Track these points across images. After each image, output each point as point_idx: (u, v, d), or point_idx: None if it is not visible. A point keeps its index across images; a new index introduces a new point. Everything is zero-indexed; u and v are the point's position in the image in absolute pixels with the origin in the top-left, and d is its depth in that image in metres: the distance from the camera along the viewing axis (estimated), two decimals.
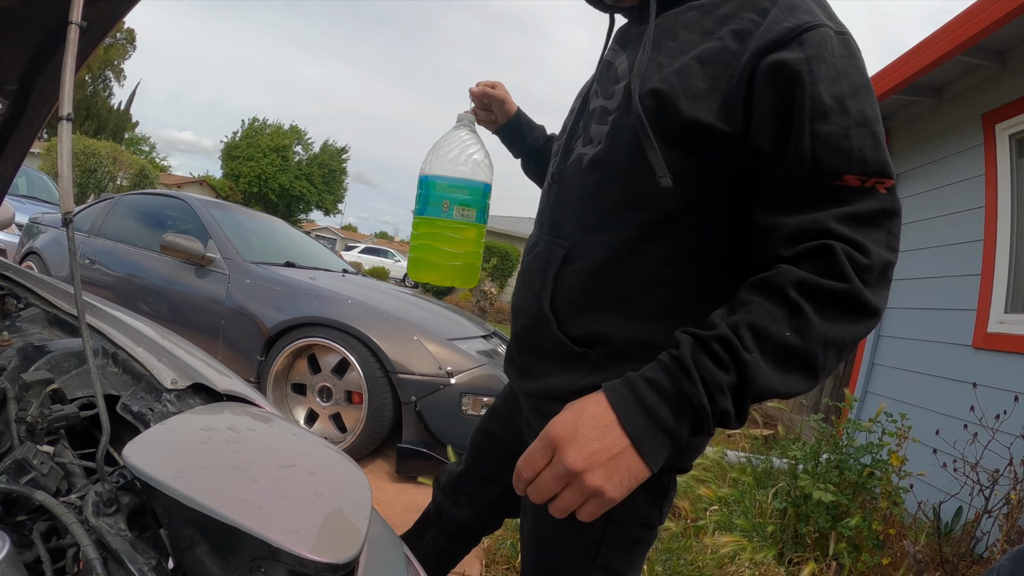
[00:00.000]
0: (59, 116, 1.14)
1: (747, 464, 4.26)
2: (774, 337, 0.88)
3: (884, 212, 0.92)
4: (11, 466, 0.99)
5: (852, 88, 0.94)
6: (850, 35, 0.99)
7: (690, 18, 1.08)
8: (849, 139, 0.91)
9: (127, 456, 0.92)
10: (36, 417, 1.10)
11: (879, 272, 0.91)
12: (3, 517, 0.94)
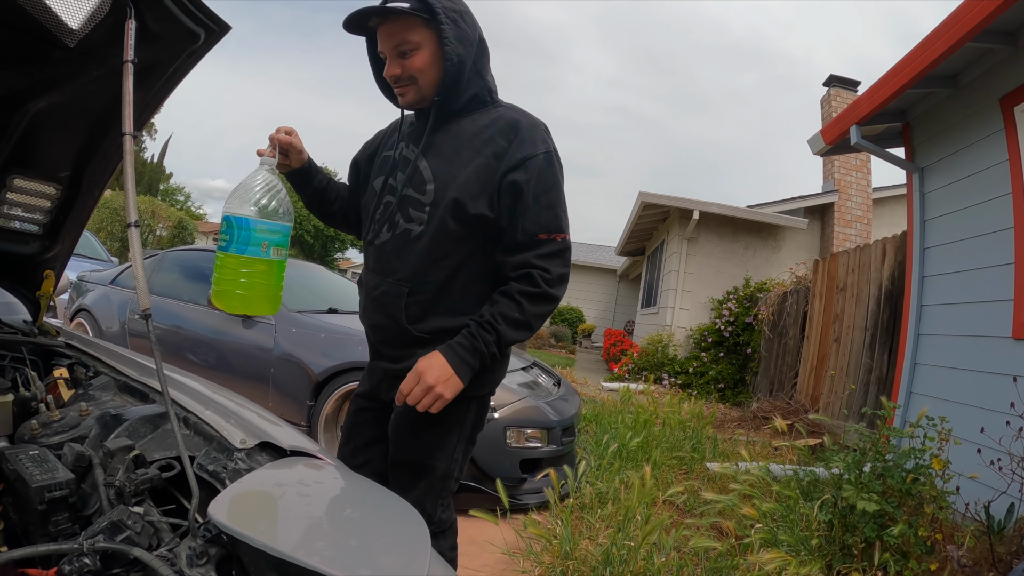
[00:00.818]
0: (127, 223, 1.26)
1: (792, 477, 4.26)
2: (510, 316, 1.78)
3: (560, 251, 1.84)
4: (107, 526, 1.10)
5: (546, 189, 1.82)
6: (555, 153, 1.88)
7: (466, 136, 1.87)
8: (540, 217, 1.80)
9: (213, 512, 1.04)
10: (124, 481, 1.23)
11: (557, 280, 1.82)
12: (101, 572, 1.04)
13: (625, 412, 6.78)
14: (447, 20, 1.77)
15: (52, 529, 1.17)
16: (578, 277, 24.17)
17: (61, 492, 1.17)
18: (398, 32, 1.80)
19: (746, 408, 8.59)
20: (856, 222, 12.31)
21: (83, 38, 1.54)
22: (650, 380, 8.88)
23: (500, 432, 4.08)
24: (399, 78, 1.86)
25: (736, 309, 11.12)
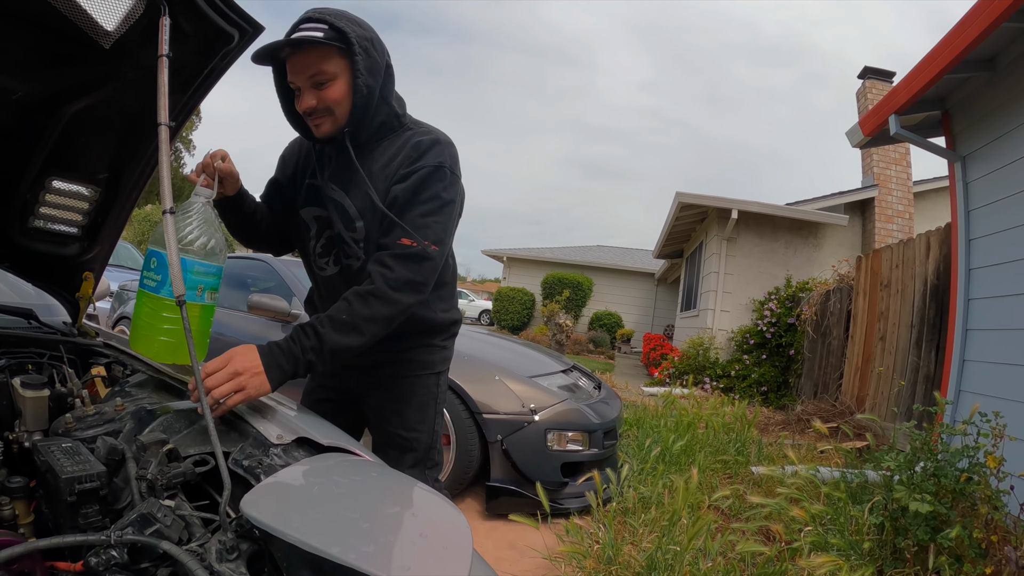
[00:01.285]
0: (163, 210, 1.27)
1: (840, 480, 4.17)
2: (337, 318, 1.71)
3: (415, 255, 1.81)
4: (136, 519, 1.09)
5: (425, 199, 1.86)
6: (448, 168, 1.90)
7: (379, 167, 1.92)
8: (410, 224, 1.82)
9: (246, 507, 1.02)
10: (156, 475, 1.22)
11: (400, 283, 1.78)
12: (129, 565, 1.03)
13: (667, 416, 6.71)
14: (360, 50, 1.78)
15: (82, 521, 1.17)
16: (615, 281, 24.07)
17: (92, 484, 1.17)
18: (313, 63, 1.78)
19: (790, 411, 8.45)
20: (897, 217, 12.03)
21: (118, 39, 1.56)
22: (691, 384, 8.77)
23: (541, 435, 4.06)
24: (315, 110, 1.84)
25: (778, 310, 10.94)
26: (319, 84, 1.80)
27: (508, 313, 23.34)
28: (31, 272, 2.24)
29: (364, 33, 1.81)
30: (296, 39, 1.73)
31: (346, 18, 1.79)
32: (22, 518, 1.26)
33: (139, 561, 1.05)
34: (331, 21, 1.75)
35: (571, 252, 26.46)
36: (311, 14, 1.78)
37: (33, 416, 1.52)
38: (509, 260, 25.84)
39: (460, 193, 1.99)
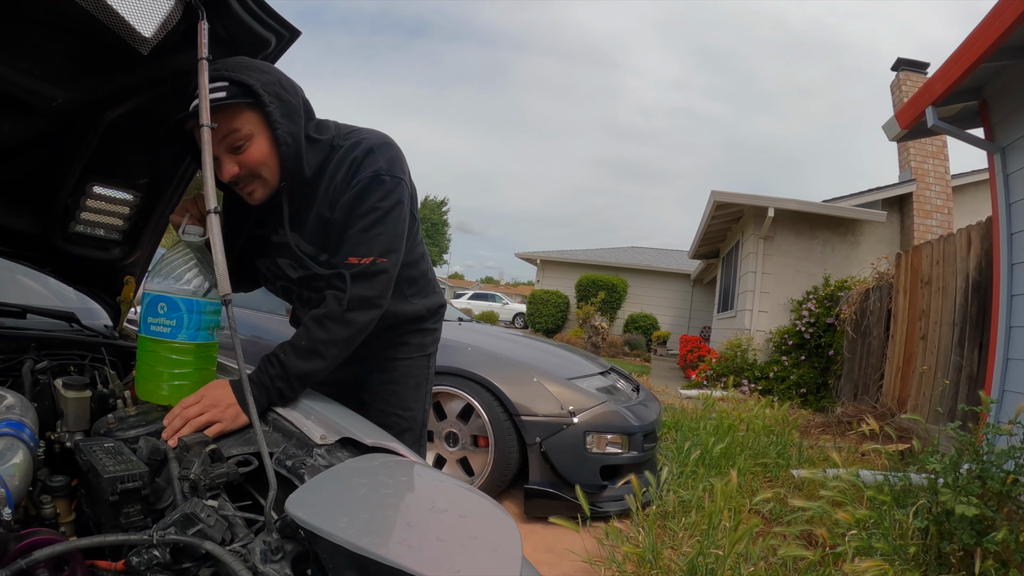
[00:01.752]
0: (207, 210, 1.28)
1: (884, 483, 4.09)
2: (297, 344, 1.67)
3: (367, 273, 1.74)
4: (179, 519, 1.08)
5: (364, 211, 1.76)
6: (386, 173, 1.78)
7: (326, 204, 1.81)
8: (353, 241, 1.76)
9: (291, 507, 1.00)
10: (199, 475, 1.22)
11: (356, 302, 1.73)
12: (171, 565, 1.03)
13: (706, 418, 6.64)
14: (271, 98, 1.62)
15: (123, 521, 1.17)
16: (650, 283, 23.91)
17: (134, 484, 1.17)
18: (223, 126, 1.60)
19: (830, 413, 8.31)
20: (936, 212, 11.74)
21: (156, 46, 1.57)
22: (729, 386, 8.65)
23: (580, 437, 4.02)
24: (239, 178, 1.69)
25: (816, 309, 10.73)
26: (236, 148, 1.65)
27: (542, 316, 23.30)
28: (73, 276, 2.29)
29: (269, 77, 1.65)
30: (198, 108, 1.53)
31: (245, 67, 1.61)
32: (63, 516, 1.25)
33: (181, 561, 1.05)
34: (230, 76, 1.57)
35: (605, 254, 26.34)
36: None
37: (75, 417, 1.53)
38: (542, 262, 25.78)
39: (403, 193, 1.84)
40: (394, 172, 1.81)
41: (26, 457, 1.19)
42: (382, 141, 1.84)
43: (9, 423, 1.26)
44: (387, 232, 1.79)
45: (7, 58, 1.52)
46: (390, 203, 1.79)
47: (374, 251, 1.76)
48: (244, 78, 1.57)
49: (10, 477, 1.09)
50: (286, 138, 1.67)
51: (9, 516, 1.02)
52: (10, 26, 1.46)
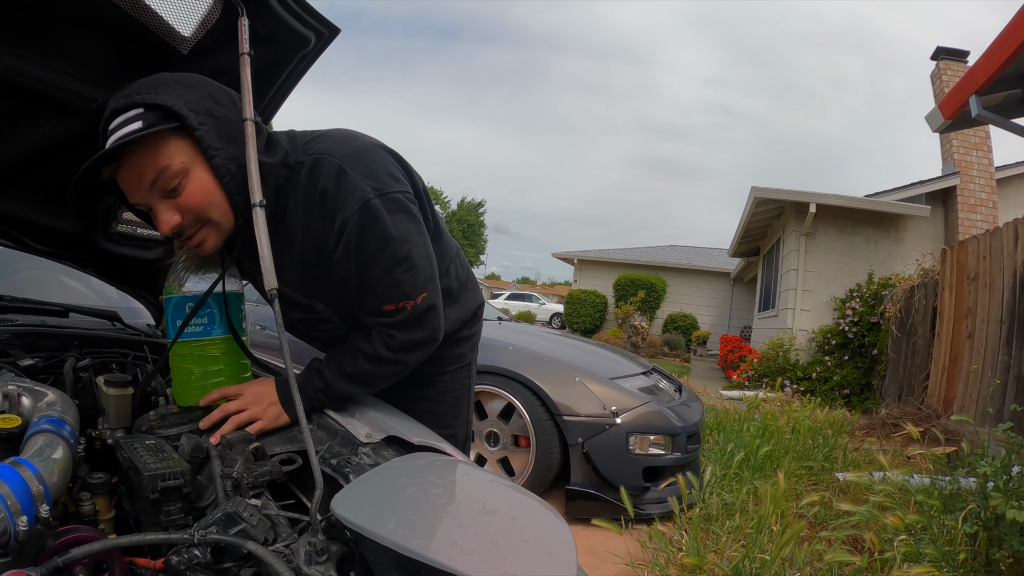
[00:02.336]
0: (252, 203, 1.26)
1: (931, 487, 3.98)
2: (343, 368, 1.55)
3: (410, 319, 1.56)
4: (221, 518, 1.07)
5: (373, 253, 1.49)
6: (377, 196, 1.45)
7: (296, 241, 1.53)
8: (378, 289, 1.53)
9: (337, 507, 0.97)
10: (242, 473, 1.20)
11: (404, 346, 1.57)
12: (211, 564, 1.01)
13: (750, 420, 6.54)
14: (201, 119, 1.33)
15: (164, 519, 1.16)
16: (689, 282, 23.69)
17: (175, 482, 1.16)
18: (146, 166, 1.32)
19: (874, 415, 8.14)
20: (981, 206, 11.36)
21: (195, 44, 1.57)
22: (775, 387, 8.47)
23: (622, 438, 3.96)
24: (182, 227, 1.40)
25: (860, 308, 10.48)
26: (170, 191, 1.35)
27: (580, 316, 23.21)
28: (115, 276, 2.30)
29: (195, 92, 1.36)
30: (113, 147, 1.27)
31: (162, 85, 1.33)
32: (103, 514, 1.25)
33: (222, 561, 1.03)
34: (144, 99, 1.29)
35: (643, 253, 26.19)
36: (114, 104, 1.31)
37: (116, 414, 1.53)
38: (580, 262, 25.70)
39: (405, 202, 1.54)
40: (382, 185, 1.48)
41: (66, 453, 1.17)
42: (350, 150, 1.50)
43: (49, 419, 1.26)
44: (414, 263, 1.53)
45: (46, 60, 1.51)
46: (399, 229, 1.49)
47: (410, 292, 1.54)
48: (162, 99, 1.29)
49: (49, 474, 1.07)
50: (228, 166, 1.37)
51: (47, 513, 1.02)
52: (49, 28, 1.46)
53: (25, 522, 0.95)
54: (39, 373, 1.69)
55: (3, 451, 1.21)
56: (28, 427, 1.25)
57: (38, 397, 1.39)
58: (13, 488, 0.96)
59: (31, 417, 1.31)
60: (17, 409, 1.36)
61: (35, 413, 1.33)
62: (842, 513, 3.63)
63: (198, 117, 1.32)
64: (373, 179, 1.47)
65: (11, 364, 1.63)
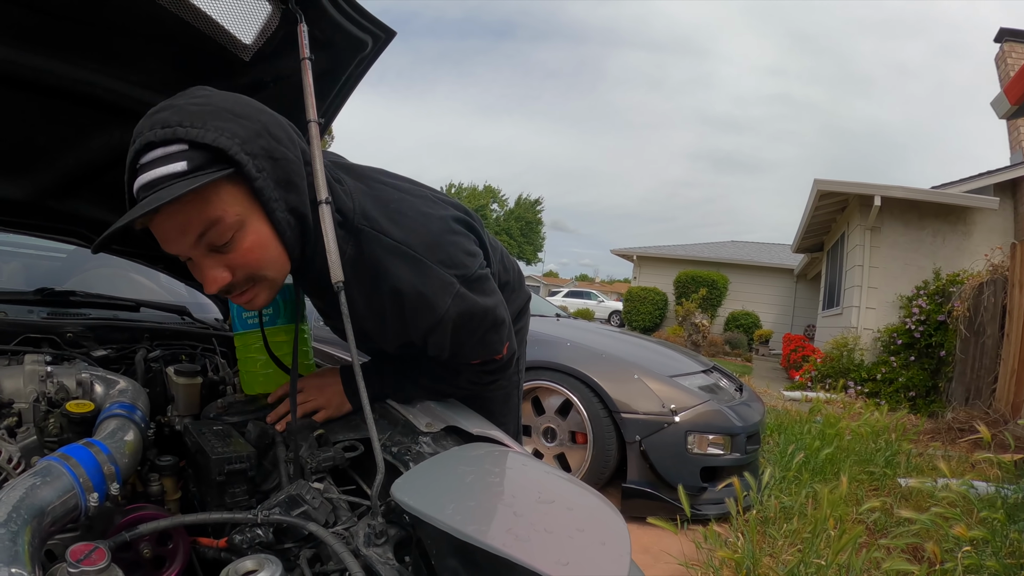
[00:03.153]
0: (318, 200, 1.27)
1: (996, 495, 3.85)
2: (422, 382, 1.59)
3: (498, 368, 1.64)
4: (284, 500, 1.12)
5: (469, 333, 1.44)
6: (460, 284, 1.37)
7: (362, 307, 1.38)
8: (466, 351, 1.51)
9: (397, 492, 1.00)
10: (305, 458, 1.26)
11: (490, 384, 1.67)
12: (273, 544, 1.06)
13: (811, 421, 6.42)
14: (258, 164, 1.13)
15: (228, 500, 1.21)
16: (751, 279, 23.23)
17: (240, 465, 1.21)
18: (193, 217, 1.11)
19: (939, 418, 7.90)
20: None
21: (257, 52, 1.61)
22: (837, 388, 8.25)
23: (681, 437, 3.92)
24: (233, 285, 1.22)
25: (927, 306, 10.07)
26: (221, 247, 1.16)
27: (639, 314, 22.99)
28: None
29: (245, 128, 1.13)
30: (151, 199, 1.05)
31: (210, 115, 1.10)
32: (169, 494, 1.32)
33: (283, 541, 1.07)
34: (188, 136, 1.06)
35: (704, 249, 25.81)
36: (151, 135, 1.07)
37: (185, 402, 1.61)
38: (639, 259, 25.45)
39: (483, 263, 1.48)
40: (465, 271, 1.39)
41: (136, 436, 1.24)
42: (428, 240, 1.36)
43: (121, 405, 1.33)
44: (500, 324, 1.51)
45: (113, 71, 1.58)
46: (486, 301, 1.44)
47: (498, 348, 1.55)
48: (213, 139, 1.07)
49: (120, 455, 1.13)
50: (288, 218, 1.21)
51: (117, 491, 1.06)
52: (114, 40, 1.52)
53: (96, 499, 1.00)
54: (111, 363, 1.76)
55: (76, 434, 1.27)
56: (100, 412, 1.32)
57: (110, 384, 1.47)
58: (86, 467, 1.02)
59: (103, 403, 1.38)
60: (90, 395, 1.44)
61: (107, 399, 1.40)
62: (903, 520, 3.53)
63: (256, 162, 1.12)
64: (456, 267, 1.37)
65: (84, 354, 1.71)
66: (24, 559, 0.78)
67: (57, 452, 1.04)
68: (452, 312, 1.34)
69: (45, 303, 2.00)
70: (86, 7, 1.41)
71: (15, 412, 1.33)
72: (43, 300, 2.00)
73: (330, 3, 1.56)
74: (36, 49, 1.50)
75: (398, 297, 1.33)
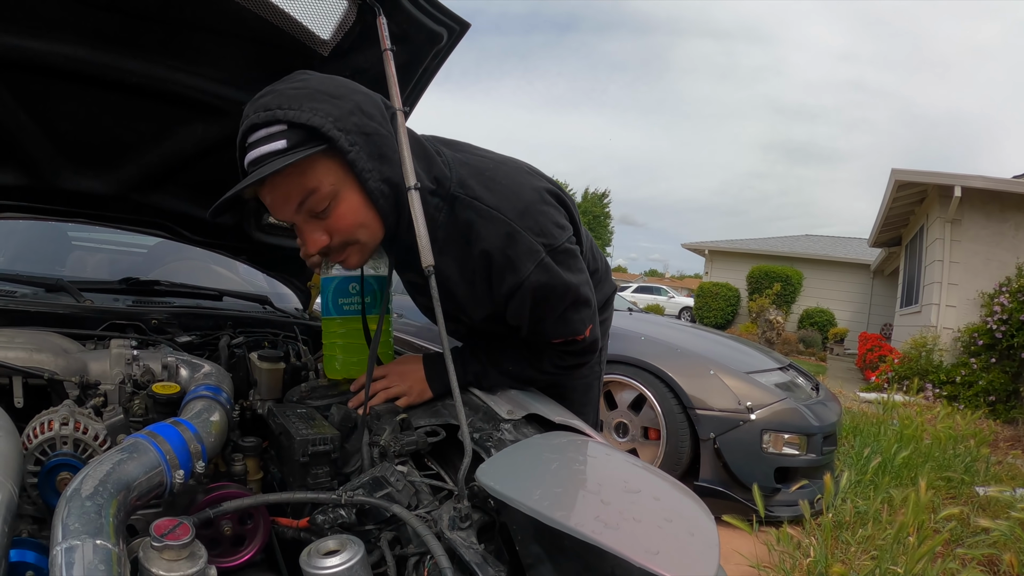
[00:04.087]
0: (407, 187, 1.29)
1: None
2: (504, 367, 1.62)
3: (579, 350, 1.64)
4: (368, 482, 1.13)
5: (552, 306, 1.49)
6: (548, 251, 1.42)
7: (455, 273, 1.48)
8: (548, 328, 1.54)
9: (483, 477, 1.00)
10: (389, 442, 1.27)
11: (568, 367, 1.69)
12: (354, 525, 1.07)
13: (888, 423, 6.22)
14: (350, 139, 1.25)
15: (311, 481, 1.24)
16: (826, 274, 22.52)
17: (324, 447, 1.24)
18: (293, 188, 1.28)
19: (1020, 425, 7.59)
20: None
21: (335, 47, 1.66)
22: (914, 390, 7.91)
23: (756, 435, 3.84)
24: (330, 248, 1.36)
25: (1009, 304, 9.43)
26: (319, 213, 1.31)
27: (711, 310, 22.61)
28: (266, 263, 2.48)
29: (343, 105, 1.27)
30: (255, 174, 1.23)
31: (306, 98, 1.25)
32: (252, 474, 1.36)
33: (364, 523, 1.09)
34: (286, 117, 1.22)
35: (777, 243, 25.23)
36: (255, 117, 1.24)
37: (268, 386, 1.66)
38: (711, 253, 25.06)
39: (572, 246, 1.52)
40: (552, 241, 1.45)
41: (222, 417, 1.29)
42: (520, 206, 1.43)
43: (208, 387, 1.38)
44: (584, 303, 1.56)
45: (193, 67, 1.65)
46: (571, 276, 1.49)
47: (580, 329, 1.57)
48: (308, 119, 1.21)
49: (207, 434, 1.17)
50: (381, 188, 1.32)
51: (203, 469, 1.10)
52: (193, 39, 1.59)
53: (181, 476, 1.03)
54: (196, 349, 1.84)
55: (162, 415, 1.33)
56: (186, 394, 1.37)
57: (195, 368, 1.53)
58: (173, 445, 1.05)
59: (188, 386, 1.44)
60: (175, 378, 1.50)
61: (192, 382, 1.46)
62: (980, 530, 3.41)
63: (348, 137, 1.24)
64: (544, 236, 1.42)
65: (169, 340, 1.78)
66: (109, 531, 0.80)
67: (145, 430, 1.08)
68: (533, 279, 1.41)
69: (130, 292, 2.09)
70: (165, 7, 1.48)
71: (101, 392, 1.38)
72: (128, 289, 2.09)
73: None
74: (118, 49, 1.57)
75: (487, 259, 1.41)
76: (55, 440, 1.10)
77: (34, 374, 1.32)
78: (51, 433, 1.10)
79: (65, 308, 1.77)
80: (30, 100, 1.68)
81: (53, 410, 1.16)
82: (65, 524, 0.79)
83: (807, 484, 3.77)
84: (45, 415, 1.14)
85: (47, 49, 1.54)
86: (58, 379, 1.35)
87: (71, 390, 1.34)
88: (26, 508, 1.07)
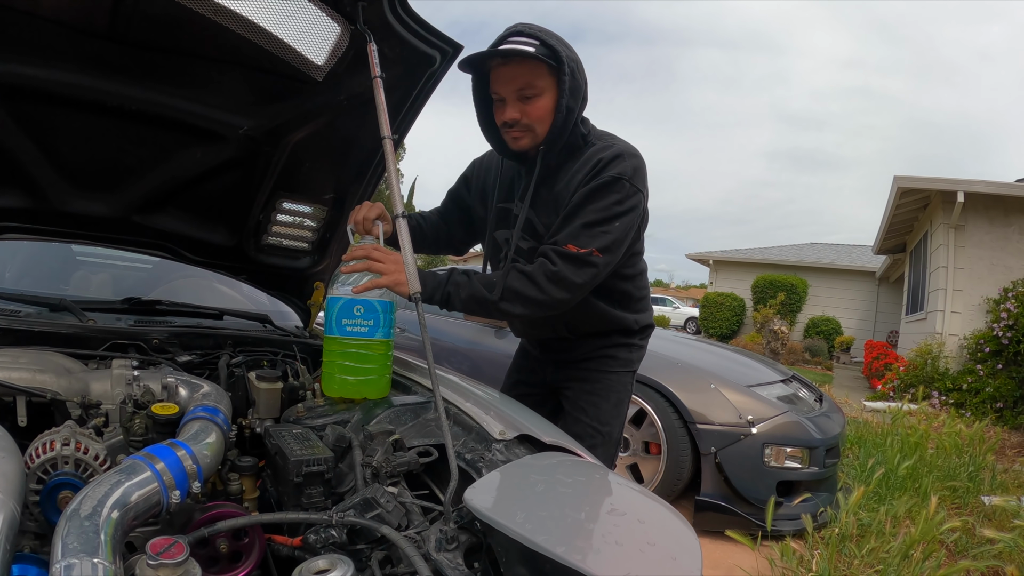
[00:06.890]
0: (395, 215, 1.38)
1: None
2: (488, 278, 1.86)
3: (581, 259, 1.81)
4: (359, 503, 1.16)
5: (596, 208, 1.84)
6: (627, 179, 1.86)
7: (562, 186, 1.94)
8: (575, 231, 1.83)
9: (469, 499, 1.02)
10: (381, 462, 1.28)
11: (557, 277, 1.80)
12: (346, 545, 1.09)
13: (892, 434, 6.19)
14: (568, 70, 1.79)
15: (305, 501, 1.26)
16: (832, 282, 22.30)
17: (318, 467, 1.26)
18: (523, 75, 1.80)
19: None
20: None
21: (329, 72, 1.73)
22: (919, 398, 7.85)
23: (758, 449, 3.82)
24: (516, 123, 1.85)
25: (1016, 309, 9.36)
26: (526, 98, 1.82)
27: (716, 320, 22.45)
28: (266, 283, 2.52)
29: (572, 55, 1.82)
30: (510, 50, 1.75)
31: (555, 37, 1.80)
32: (248, 493, 1.38)
33: (356, 543, 1.11)
34: (543, 38, 1.77)
35: (782, 252, 25.03)
36: (521, 28, 1.80)
37: (266, 405, 1.70)
38: (715, 263, 24.88)
39: (639, 203, 1.93)
40: (636, 182, 1.88)
41: (218, 438, 1.31)
42: (633, 151, 1.93)
43: (205, 408, 1.41)
44: (612, 232, 1.85)
45: (194, 95, 1.72)
46: (624, 207, 1.86)
47: (595, 244, 1.83)
48: (554, 44, 1.76)
49: (202, 455, 1.20)
50: (563, 109, 1.81)
51: (199, 489, 1.13)
52: (192, 65, 1.65)
53: (178, 496, 1.06)
54: (195, 368, 1.87)
55: (161, 434, 1.37)
56: (185, 414, 1.39)
57: (194, 388, 1.56)
58: (169, 466, 1.08)
59: (187, 406, 1.47)
60: (175, 398, 1.54)
61: (191, 402, 1.49)
62: (984, 541, 3.40)
63: (566, 67, 1.77)
64: (633, 172, 1.88)
65: (170, 360, 1.81)
66: (106, 550, 0.84)
67: (143, 452, 1.10)
68: (607, 174, 1.85)
69: (132, 311, 2.11)
70: (165, 36, 1.53)
71: (103, 412, 1.42)
72: (130, 308, 2.12)
73: (397, 21, 1.67)
74: (119, 78, 1.63)
75: (592, 171, 1.87)
76: (57, 460, 1.13)
77: (37, 394, 1.36)
78: (53, 453, 1.13)
79: (68, 328, 1.79)
80: (34, 126, 1.72)
81: (55, 430, 1.19)
82: (65, 542, 0.82)
83: (810, 497, 3.75)
84: (47, 435, 1.16)
85: (50, 77, 1.59)
86: (60, 399, 1.39)
87: (73, 410, 1.38)
88: (28, 525, 1.10)
